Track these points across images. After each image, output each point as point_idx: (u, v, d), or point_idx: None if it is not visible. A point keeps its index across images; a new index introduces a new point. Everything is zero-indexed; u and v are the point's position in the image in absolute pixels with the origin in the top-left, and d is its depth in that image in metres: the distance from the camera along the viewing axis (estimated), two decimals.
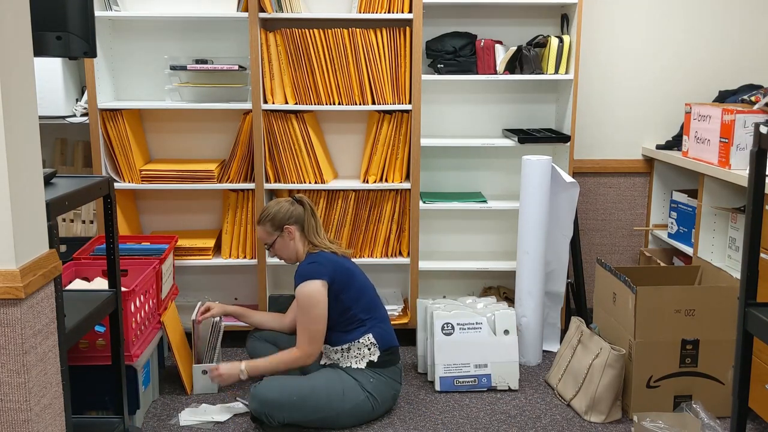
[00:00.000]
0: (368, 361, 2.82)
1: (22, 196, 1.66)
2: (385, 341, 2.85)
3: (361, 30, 3.30)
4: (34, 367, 1.69)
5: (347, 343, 2.83)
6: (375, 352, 2.82)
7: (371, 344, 2.82)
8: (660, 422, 2.56)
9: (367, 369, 2.81)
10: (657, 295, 2.79)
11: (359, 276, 2.91)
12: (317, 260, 2.83)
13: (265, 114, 3.36)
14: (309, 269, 2.81)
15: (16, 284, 1.60)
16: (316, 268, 2.80)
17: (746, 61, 3.71)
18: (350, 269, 2.88)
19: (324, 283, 2.78)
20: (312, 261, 2.84)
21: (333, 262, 2.84)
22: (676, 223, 3.58)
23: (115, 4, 3.34)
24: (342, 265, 2.86)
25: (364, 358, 2.82)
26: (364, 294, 2.88)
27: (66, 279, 2.84)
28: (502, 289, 3.79)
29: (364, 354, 2.82)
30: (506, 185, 3.77)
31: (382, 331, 2.86)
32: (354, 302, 2.84)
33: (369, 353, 2.82)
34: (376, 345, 2.83)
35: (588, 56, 3.69)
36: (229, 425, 2.81)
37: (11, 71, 1.62)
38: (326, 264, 2.82)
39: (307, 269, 2.81)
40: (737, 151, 2.99)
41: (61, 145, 3.61)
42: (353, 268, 2.92)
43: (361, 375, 2.80)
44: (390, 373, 2.86)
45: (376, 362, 2.82)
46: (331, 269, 2.81)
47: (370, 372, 2.81)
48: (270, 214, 2.89)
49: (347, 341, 2.83)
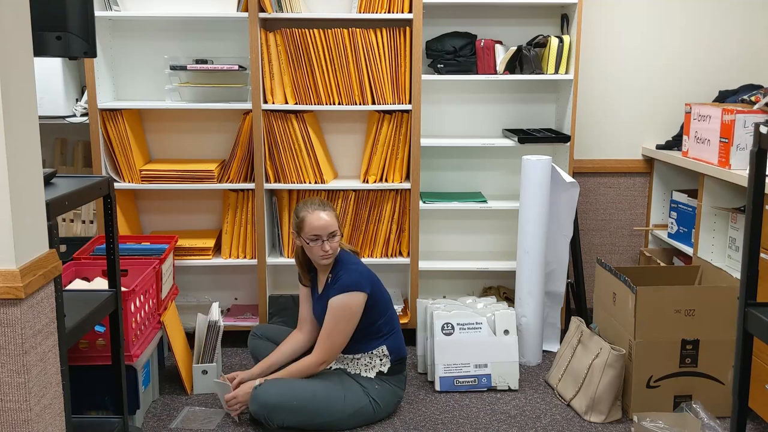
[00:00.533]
0: (378, 371, 2.81)
1: (22, 196, 1.66)
2: (397, 353, 2.84)
3: (361, 30, 3.30)
4: (34, 367, 1.69)
5: (360, 353, 2.81)
6: (386, 363, 2.81)
7: (384, 356, 2.81)
8: (660, 422, 2.56)
9: (375, 378, 2.81)
10: (657, 295, 2.79)
11: (383, 286, 2.87)
12: (359, 269, 2.77)
13: (265, 114, 3.36)
14: (355, 278, 2.73)
15: (16, 284, 1.60)
16: (360, 279, 2.73)
17: (746, 61, 3.71)
18: (378, 280, 2.84)
19: (365, 297, 2.74)
20: (355, 269, 2.76)
21: (369, 272, 2.80)
22: (676, 223, 3.58)
23: (115, 4, 3.34)
24: (374, 275, 2.82)
25: (375, 368, 2.81)
26: (390, 305, 2.86)
27: (66, 279, 2.84)
28: (502, 289, 3.79)
29: (375, 364, 2.81)
30: (506, 185, 3.77)
31: (396, 342, 2.84)
32: (381, 315, 2.81)
33: (380, 363, 2.81)
34: (388, 357, 2.81)
35: (588, 56, 3.69)
36: (229, 426, 2.81)
37: (11, 71, 1.62)
38: (366, 274, 2.77)
39: (353, 278, 2.73)
40: (737, 151, 2.99)
41: (61, 145, 3.61)
42: (377, 277, 2.87)
43: (367, 382, 2.79)
44: (396, 380, 2.85)
45: (386, 373, 2.81)
46: (369, 280, 2.77)
47: (377, 380, 2.80)
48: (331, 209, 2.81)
49: (361, 351, 2.81)
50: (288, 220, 3.51)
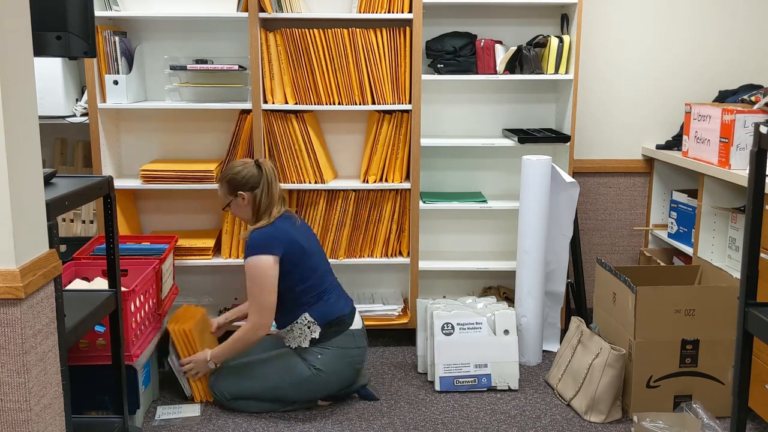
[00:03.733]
0: (311, 339, 2.86)
1: (22, 196, 1.66)
2: (323, 317, 2.86)
3: (361, 30, 3.30)
4: (34, 367, 1.69)
5: (289, 324, 2.88)
6: (315, 329, 2.85)
7: (310, 323, 2.85)
8: (660, 422, 2.56)
9: (312, 346, 2.86)
10: (657, 295, 2.79)
11: (312, 253, 2.88)
12: (272, 233, 2.81)
13: (265, 114, 3.36)
14: (261, 241, 2.79)
15: (16, 284, 1.60)
16: (269, 242, 2.78)
17: (746, 61, 3.71)
18: (302, 246, 2.84)
19: (276, 259, 2.78)
20: (266, 232, 2.81)
21: (288, 236, 2.82)
22: (676, 223, 3.58)
23: (115, 4, 3.34)
24: (296, 241, 2.83)
25: (306, 338, 2.86)
26: (313, 274, 2.87)
27: (66, 279, 2.84)
28: (502, 289, 3.79)
29: (305, 333, 2.86)
30: (506, 185, 3.77)
31: (320, 307, 2.87)
32: (300, 282, 2.84)
33: (309, 332, 2.86)
34: (315, 323, 2.85)
35: (588, 56, 3.69)
36: (217, 420, 2.81)
37: (11, 71, 1.62)
38: (280, 237, 2.80)
39: (259, 240, 2.79)
40: (737, 151, 2.99)
41: (61, 145, 3.61)
42: (306, 243, 2.87)
43: (307, 353, 2.86)
44: (339, 342, 2.88)
45: (319, 339, 2.86)
46: (286, 242, 2.80)
47: (316, 348, 2.86)
48: (227, 175, 2.86)
49: (288, 322, 2.88)
50: None
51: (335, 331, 2.88)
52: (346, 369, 2.90)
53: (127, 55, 3.37)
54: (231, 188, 2.86)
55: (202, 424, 2.82)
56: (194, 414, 2.89)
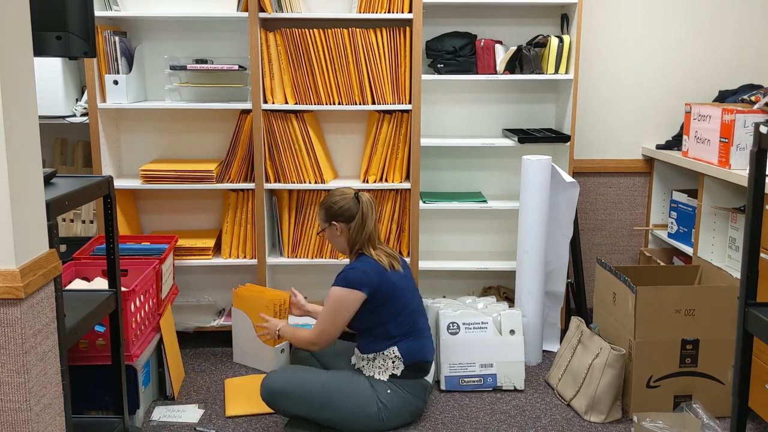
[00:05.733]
0: (391, 374, 2.77)
1: (22, 196, 1.66)
2: (411, 355, 2.78)
3: (361, 30, 3.30)
4: (34, 367, 1.69)
5: (373, 353, 2.79)
6: (399, 365, 2.77)
7: (396, 357, 2.76)
8: (660, 422, 2.56)
9: (388, 381, 2.77)
10: (657, 295, 2.79)
11: (403, 292, 2.82)
12: (366, 269, 2.76)
13: (265, 114, 3.36)
14: (354, 277, 2.73)
15: (16, 284, 1.60)
16: (362, 279, 2.73)
17: (746, 61, 3.71)
18: (395, 284, 2.79)
19: (362, 296, 2.73)
20: (360, 268, 2.76)
21: (380, 275, 2.76)
22: (676, 222, 3.58)
23: (115, 4, 3.34)
24: (389, 280, 2.77)
25: (387, 371, 2.77)
26: (403, 312, 2.80)
27: (66, 279, 2.84)
28: (502, 289, 3.79)
29: (387, 366, 2.77)
30: (506, 185, 3.77)
31: (411, 345, 2.79)
32: (390, 318, 2.78)
33: (393, 366, 2.77)
34: (401, 359, 2.76)
35: (588, 56, 3.69)
36: (229, 424, 2.81)
37: (11, 71, 1.62)
38: (372, 275, 2.74)
39: (352, 276, 2.74)
40: (737, 151, 2.99)
41: (61, 145, 3.61)
42: (399, 282, 2.81)
43: (380, 385, 2.76)
44: (411, 388, 2.79)
45: (399, 376, 2.77)
46: (376, 282, 2.74)
47: (390, 384, 2.77)
48: (326, 202, 2.84)
49: (374, 351, 2.79)
50: (288, 219, 3.51)
51: (415, 375, 2.80)
52: (405, 416, 2.80)
53: (127, 55, 3.37)
54: (327, 217, 2.84)
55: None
56: (192, 421, 2.85)
